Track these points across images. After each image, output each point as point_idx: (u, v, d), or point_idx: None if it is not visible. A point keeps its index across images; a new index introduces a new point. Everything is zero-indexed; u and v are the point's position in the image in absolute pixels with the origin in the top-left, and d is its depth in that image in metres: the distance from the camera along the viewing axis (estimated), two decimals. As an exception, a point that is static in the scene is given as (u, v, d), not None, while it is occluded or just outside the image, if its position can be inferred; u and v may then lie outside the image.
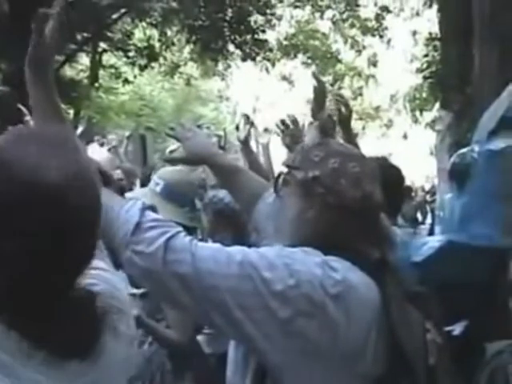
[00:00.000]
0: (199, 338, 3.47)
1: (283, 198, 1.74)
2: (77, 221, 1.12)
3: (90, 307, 1.21)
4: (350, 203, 1.62)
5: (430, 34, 14.44)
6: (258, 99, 29.20)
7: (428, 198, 16.37)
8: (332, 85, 20.63)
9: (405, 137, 24.74)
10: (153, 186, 3.23)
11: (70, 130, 1.66)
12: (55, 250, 1.10)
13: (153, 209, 1.62)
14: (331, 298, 1.50)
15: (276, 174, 1.80)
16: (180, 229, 1.58)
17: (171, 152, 4.43)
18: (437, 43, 12.71)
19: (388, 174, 2.94)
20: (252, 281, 1.49)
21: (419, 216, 14.87)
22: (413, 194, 16.40)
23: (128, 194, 3.35)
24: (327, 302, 1.50)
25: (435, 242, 3.65)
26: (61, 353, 1.15)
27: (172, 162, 3.10)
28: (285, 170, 1.76)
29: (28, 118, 2.82)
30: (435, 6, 13.66)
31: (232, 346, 1.82)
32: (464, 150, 3.98)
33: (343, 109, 3.20)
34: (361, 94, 24.49)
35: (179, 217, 2.95)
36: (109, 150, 7.65)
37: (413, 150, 26.53)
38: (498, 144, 3.70)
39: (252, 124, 4.00)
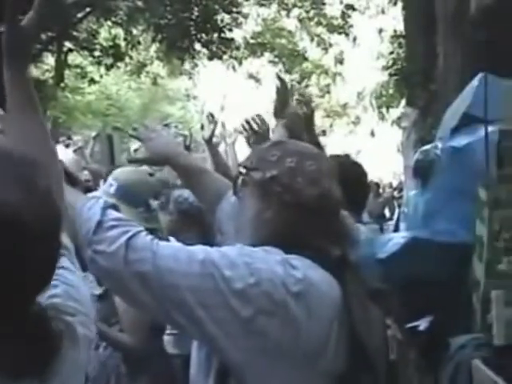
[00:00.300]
0: (165, 338, 3.47)
1: (242, 199, 1.75)
2: (35, 237, 1.07)
3: (45, 324, 1.16)
4: (307, 201, 1.63)
5: (395, 31, 14.54)
6: (225, 98, 29.15)
7: (396, 194, 16.49)
8: (299, 83, 20.69)
9: (372, 134, 24.85)
10: (107, 187, 3.24)
11: (44, 123, 1.60)
12: (14, 267, 1.06)
13: (115, 207, 1.62)
14: (292, 296, 1.51)
15: (234, 176, 1.81)
16: (141, 228, 1.58)
17: (135, 151, 4.42)
18: (402, 41, 12.80)
19: (350, 171, 2.97)
20: (213, 279, 1.50)
21: (387, 212, 14.97)
22: (380, 190, 16.53)
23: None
24: (288, 300, 1.51)
25: (400, 238, 3.68)
26: (13, 372, 1.11)
27: (135, 162, 3.10)
28: (243, 170, 1.77)
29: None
30: (400, 4, 13.75)
31: (195, 345, 1.82)
32: (427, 147, 4.02)
33: (305, 108, 3.22)
34: (328, 92, 24.58)
35: (133, 218, 2.94)
36: (74, 151, 7.60)
37: (380, 147, 26.67)
38: (460, 141, 3.74)
39: (216, 123, 4.00)
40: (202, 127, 4.06)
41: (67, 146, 7.92)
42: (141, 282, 1.50)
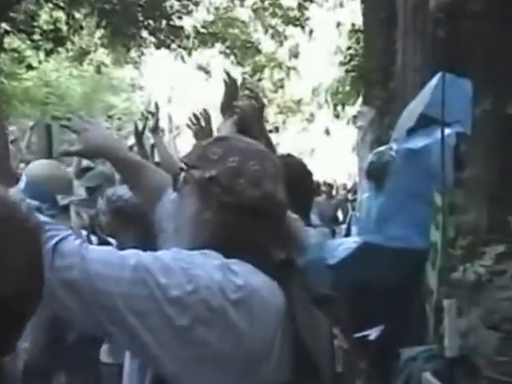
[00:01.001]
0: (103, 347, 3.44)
1: (182, 197, 1.73)
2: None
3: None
4: (248, 203, 1.62)
5: (354, 25, 14.64)
6: (173, 89, 29.07)
7: (350, 196, 16.62)
8: (251, 76, 20.69)
9: (327, 132, 25.00)
10: (20, 182, 3.27)
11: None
12: None
13: (39, 210, 1.59)
14: (231, 304, 1.50)
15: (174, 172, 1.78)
16: (69, 232, 1.56)
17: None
18: (360, 35, 12.90)
19: (295, 171, 2.97)
20: (146, 286, 1.48)
21: (340, 215, 15.07)
22: (334, 192, 16.66)
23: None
24: (227, 308, 1.50)
25: (351, 243, 3.71)
26: None
27: (68, 155, 3.07)
28: (184, 166, 1.76)
29: None
30: (359, -3, 13.85)
31: (127, 356, 1.80)
32: (382, 148, 4.05)
33: (254, 103, 3.21)
34: (282, 87, 24.64)
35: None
36: (10, 142, 7.50)
37: (335, 147, 26.86)
38: (417, 143, 3.78)
39: (159, 109, 4.04)
40: (148, 116, 4.11)
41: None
42: (69, 289, 1.48)
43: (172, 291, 1.48)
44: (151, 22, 16.59)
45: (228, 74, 2.93)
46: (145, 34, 17.07)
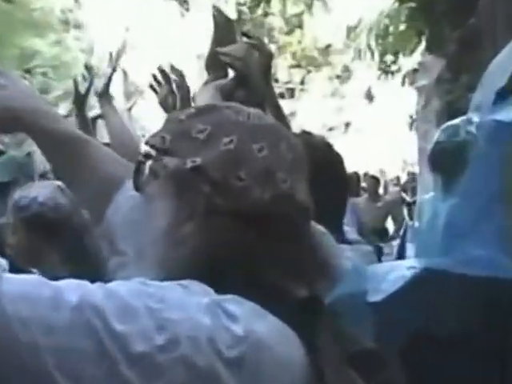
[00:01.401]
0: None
1: (149, 199, 1.74)
2: None
3: None
4: (253, 208, 1.63)
5: None
6: (129, 30, 29.11)
7: (407, 197, 16.67)
8: (252, 9, 20.72)
9: (369, 96, 25.09)
10: None
11: None
12: None
13: None
14: (226, 364, 1.50)
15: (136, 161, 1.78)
16: None
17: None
18: None
19: (316, 156, 2.97)
20: (93, 335, 1.47)
21: (390, 225, 15.10)
22: (380, 189, 16.69)
23: None
24: (219, 370, 1.50)
25: (405, 269, 3.72)
26: None
27: None
28: (152, 152, 1.75)
29: None
30: None
31: None
32: (456, 121, 4.07)
33: (257, 54, 3.23)
34: (299, 26, 24.71)
35: None
36: None
37: (382, 118, 26.91)
38: (510, 113, 3.80)
39: (118, 58, 4.07)
40: (87, 69, 4.13)
41: None
42: None
43: (133, 345, 1.47)
44: None
45: (217, 8, 2.96)
46: None
